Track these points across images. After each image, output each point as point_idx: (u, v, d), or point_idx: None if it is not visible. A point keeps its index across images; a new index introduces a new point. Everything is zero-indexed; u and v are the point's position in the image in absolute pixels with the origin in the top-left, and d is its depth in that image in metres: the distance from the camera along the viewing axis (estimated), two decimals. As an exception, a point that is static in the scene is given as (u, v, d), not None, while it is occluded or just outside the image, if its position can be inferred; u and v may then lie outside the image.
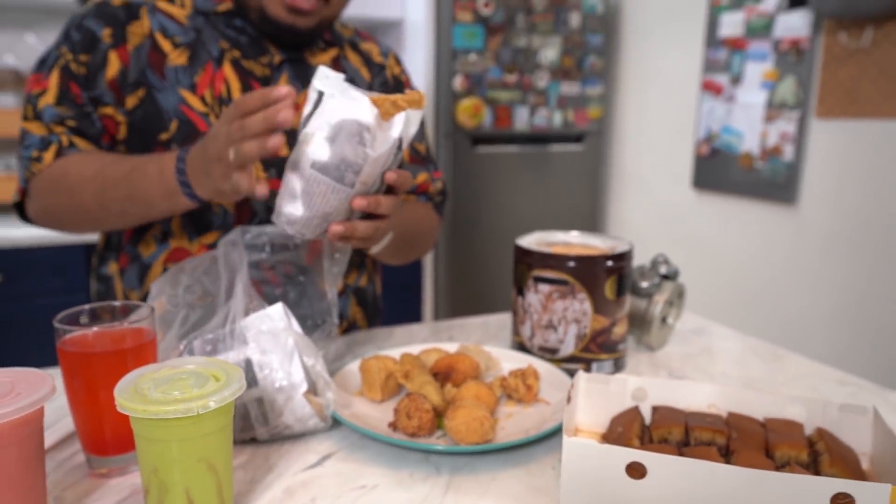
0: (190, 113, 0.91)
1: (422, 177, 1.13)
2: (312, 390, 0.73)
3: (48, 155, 0.89)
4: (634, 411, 0.70)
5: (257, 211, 0.95)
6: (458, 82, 2.39)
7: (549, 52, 2.51)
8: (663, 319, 1.00)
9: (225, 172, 0.70)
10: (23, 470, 0.53)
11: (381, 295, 1.18)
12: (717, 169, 2.21)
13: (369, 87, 1.07)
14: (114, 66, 0.90)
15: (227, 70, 0.94)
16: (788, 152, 1.95)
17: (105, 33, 0.90)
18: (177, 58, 0.92)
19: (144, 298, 0.96)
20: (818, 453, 0.63)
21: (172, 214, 0.89)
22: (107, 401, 0.62)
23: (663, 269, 1.01)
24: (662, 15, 2.46)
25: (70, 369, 0.63)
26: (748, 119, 2.07)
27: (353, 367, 0.84)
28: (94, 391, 0.63)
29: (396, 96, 0.67)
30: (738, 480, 0.52)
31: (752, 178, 2.08)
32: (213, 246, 0.96)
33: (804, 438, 0.64)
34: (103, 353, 0.63)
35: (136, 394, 0.53)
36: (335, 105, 0.66)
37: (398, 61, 1.15)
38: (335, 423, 0.74)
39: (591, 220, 2.73)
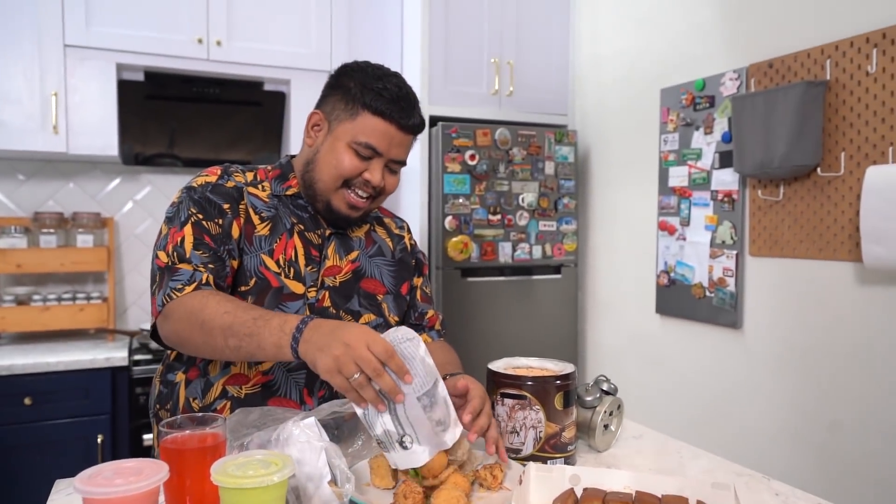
0: (266, 272, 1.22)
1: (431, 312, 1.46)
2: (335, 481, 0.99)
3: (190, 288, 1.12)
4: (569, 492, 0.95)
5: None
6: (449, 222, 2.74)
7: (528, 195, 2.88)
8: (605, 427, 1.26)
9: (335, 368, 0.93)
10: (145, 527, 0.78)
11: None
12: (675, 297, 2.53)
13: (392, 253, 1.41)
14: (236, 231, 1.22)
15: (295, 239, 1.27)
16: (731, 284, 2.27)
17: (226, 207, 1.23)
18: (262, 229, 1.25)
19: (206, 407, 1.23)
20: (695, 518, 0.88)
21: (270, 361, 1.12)
22: (191, 483, 0.88)
23: (604, 386, 1.29)
24: (623, 165, 2.87)
25: (167, 459, 0.89)
26: (697, 255, 2.41)
27: (363, 464, 1.09)
28: (182, 475, 0.88)
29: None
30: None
31: (703, 305, 2.39)
32: (266, 373, 1.23)
33: (687, 507, 0.90)
34: (192, 450, 0.89)
35: (224, 473, 0.79)
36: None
37: (409, 230, 1.50)
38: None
39: (571, 342, 3.01)
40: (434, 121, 2.81)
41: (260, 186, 1.30)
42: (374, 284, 1.36)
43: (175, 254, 1.16)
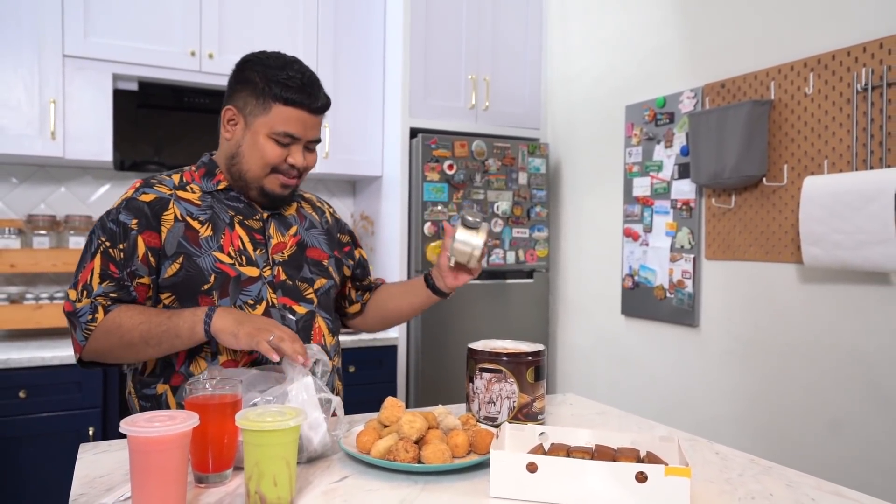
0: (222, 266, 1.33)
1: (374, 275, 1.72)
2: (331, 430, 1.14)
3: (99, 315, 1.27)
4: (539, 446, 1.11)
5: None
6: (428, 228, 2.89)
7: (503, 204, 3.05)
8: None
9: (255, 334, 1.15)
10: (181, 465, 0.92)
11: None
12: (638, 299, 2.71)
13: (320, 224, 1.55)
14: (141, 248, 1.29)
15: (238, 229, 1.38)
16: (689, 285, 2.46)
17: (133, 223, 1.30)
18: (205, 232, 1.34)
19: None
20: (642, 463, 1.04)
21: (188, 345, 1.24)
22: (212, 435, 1.02)
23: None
24: (591, 176, 3.06)
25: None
26: (658, 259, 2.60)
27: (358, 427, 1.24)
28: (205, 430, 1.02)
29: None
30: (583, 466, 0.94)
31: (665, 305, 2.58)
32: (252, 352, 1.29)
33: (636, 456, 1.06)
34: (214, 405, 1.03)
35: (247, 419, 0.94)
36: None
37: (329, 205, 1.65)
38: (352, 458, 1.13)
39: (542, 343, 3.16)
40: (414, 132, 2.97)
41: (189, 189, 1.38)
42: (318, 252, 1.49)
43: (84, 291, 1.29)
